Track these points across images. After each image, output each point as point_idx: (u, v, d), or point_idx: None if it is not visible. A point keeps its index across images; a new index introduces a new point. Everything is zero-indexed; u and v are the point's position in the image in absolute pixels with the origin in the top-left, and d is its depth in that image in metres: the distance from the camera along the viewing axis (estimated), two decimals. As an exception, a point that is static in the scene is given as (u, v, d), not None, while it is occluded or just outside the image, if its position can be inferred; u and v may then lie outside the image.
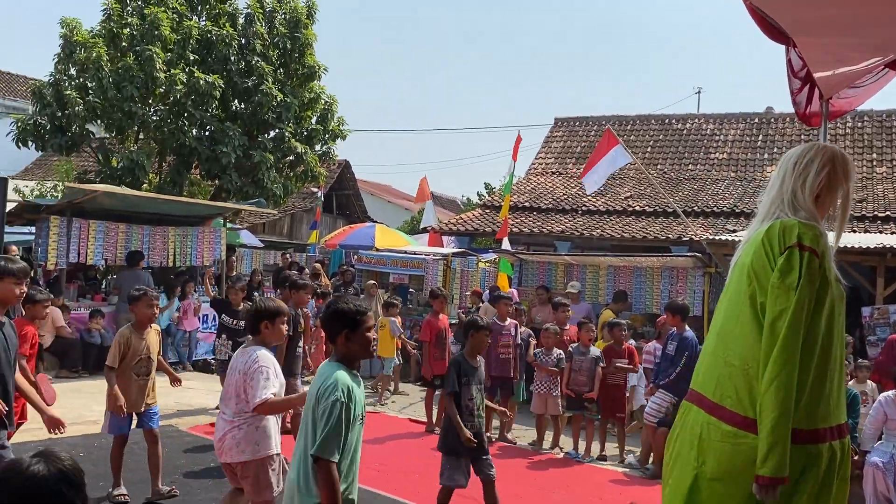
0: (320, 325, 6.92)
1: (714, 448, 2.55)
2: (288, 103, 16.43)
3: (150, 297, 5.76)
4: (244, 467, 4.23)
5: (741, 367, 2.54)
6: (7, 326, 4.39)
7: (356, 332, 3.23)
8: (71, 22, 15.62)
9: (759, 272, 2.54)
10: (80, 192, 11.06)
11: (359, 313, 3.26)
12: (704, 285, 10.83)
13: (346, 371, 3.17)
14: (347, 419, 3.04)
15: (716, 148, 20.36)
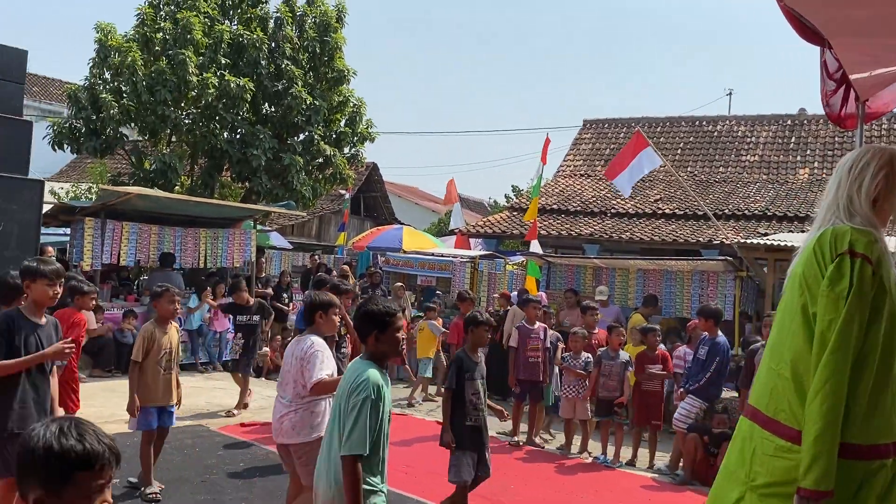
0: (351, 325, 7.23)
1: (767, 462, 2.48)
2: (317, 106, 16.55)
3: (172, 294, 5.91)
4: (299, 448, 4.60)
5: (793, 379, 2.47)
6: (49, 326, 4.39)
7: (385, 332, 3.35)
8: (106, 27, 15.90)
9: (811, 281, 2.46)
10: (113, 195, 11.24)
11: (388, 314, 3.37)
12: (735, 289, 10.71)
13: (377, 369, 3.28)
14: (376, 416, 3.16)
15: (747, 150, 20.11)
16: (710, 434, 7.33)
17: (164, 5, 16.62)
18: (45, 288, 4.26)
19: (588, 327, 8.86)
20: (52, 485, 1.60)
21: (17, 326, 4.20)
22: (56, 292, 4.34)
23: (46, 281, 4.26)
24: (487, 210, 37.89)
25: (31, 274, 4.27)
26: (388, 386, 3.33)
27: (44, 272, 4.26)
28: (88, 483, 1.62)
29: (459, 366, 5.49)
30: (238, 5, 17.25)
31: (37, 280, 4.25)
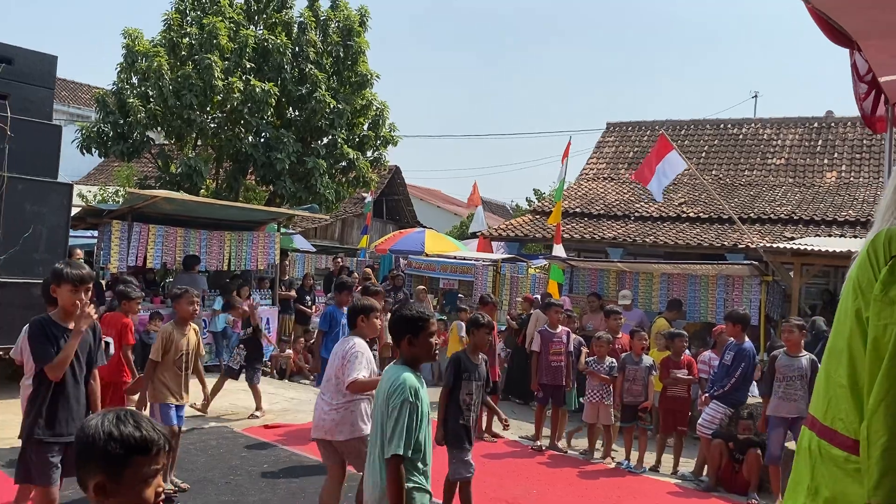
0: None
1: (827, 474, 2.44)
2: (341, 110, 16.66)
3: (190, 295, 6.04)
4: (344, 444, 4.90)
5: (850, 387, 2.42)
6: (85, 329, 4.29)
7: (419, 336, 3.47)
8: (133, 32, 16.13)
9: (864, 285, 2.41)
10: (140, 198, 11.38)
11: (422, 319, 3.50)
12: (761, 294, 10.59)
13: (412, 372, 3.41)
14: (415, 418, 3.29)
15: (773, 153, 19.91)
16: (735, 440, 7.26)
17: (190, 11, 16.83)
18: (69, 294, 4.12)
19: (611, 331, 8.82)
20: (113, 469, 1.71)
21: (49, 331, 4.11)
22: (80, 299, 4.17)
23: (70, 286, 4.13)
24: (510, 213, 37.85)
25: (57, 278, 4.16)
26: (423, 388, 3.45)
27: (68, 277, 4.13)
28: (145, 467, 1.74)
29: (457, 365, 5.64)
30: (263, 10, 17.43)
31: (61, 284, 4.15)
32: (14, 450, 6.57)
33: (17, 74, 9.14)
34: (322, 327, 8.16)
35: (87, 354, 4.33)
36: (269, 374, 12.47)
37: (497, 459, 7.86)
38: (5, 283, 8.75)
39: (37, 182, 9.11)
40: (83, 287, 4.18)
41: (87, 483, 1.73)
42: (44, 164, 9.27)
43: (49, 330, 4.12)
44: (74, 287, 4.13)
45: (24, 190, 8.97)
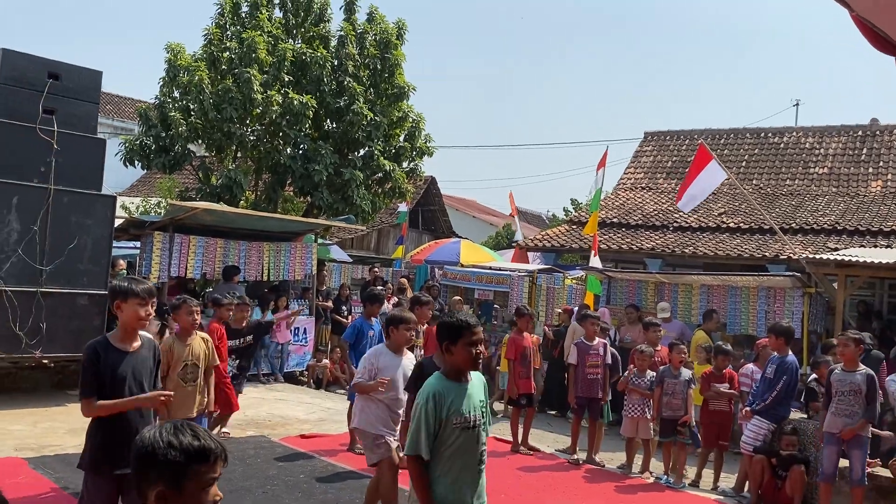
0: None
1: None
2: (377, 122, 16.78)
3: (189, 306, 5.90)
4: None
5: None
6: (144, 351, 4.00)
7: (456, 343, 3.43)
8: (175, 47, 16.48)
9: None
10: (182, 210, 11.59)
11: (461, 326, 3.45)
12: (804, 306, 10.36)
13: (443, 379, 3.45)
14: (430, 421, 3.32)
15: (816, 162, 19.51)
16: (778, 456, 7.10)
17: (230, 26, 17.14)
18: (137, 308, 3.89)
19: (651, 344, 8.70)
20: (173, 478, 1.76)
21: (103, 359, 3.81)
22: (148, 313, 3.96)
23: (138, 300, 3.89)
24: (545, 223, 37.70)
25: (123, 293, 3.89)
26: (461, 395, 3.43)
27: (135, 291, 3.90)
28: (204, 476, 1.80)
29: (420, 371, 5.53)
30: (301, 24, 17.66)
31: (128, 299, 3.87)
32: (60, 456, 6.73)
33: (63, 90, 9.40)
34: (347, 339, 8.00)
35: (149, 378, 4.04)
36: (305, 383, 12.57)
37: (534, 473, 7.80)
38: (51, 293, 8.97)
39: (82, 194, 9.34)
40: (151, 301, 3.99)
41: (148, 493, 1.76)
42: (88, 177, 9.50)
43: (105, 356, 3.83)
44: (143, 301, 3.91)
45: (69, 202, 9.20)
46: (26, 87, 9.12)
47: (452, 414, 3.38)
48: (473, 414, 3.46)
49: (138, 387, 3.90)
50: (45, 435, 7.53)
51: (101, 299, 9.19)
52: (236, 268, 12.14)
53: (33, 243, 8.88)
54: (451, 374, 3.48)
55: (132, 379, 3.87)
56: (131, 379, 3.87)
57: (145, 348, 4.01)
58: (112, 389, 3.81)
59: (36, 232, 8.89)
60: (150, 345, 4.07)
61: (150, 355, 4.04)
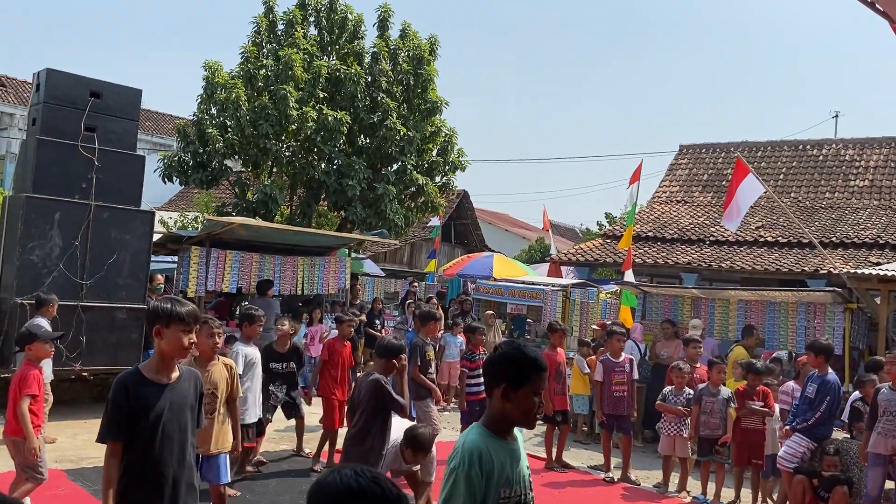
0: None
1: None
2: (411, 137, 16.87)
3: (210, 327, 5.03)
4: None
5: None
6: (183, 381, 3.38)
7: (519, 390, 2.57)
8: (213, 65, 16.79)
9: None
10: (218, 225, 11.73)
11: (533, 367, 2.60)
12: (845, 323, 10.11)
13: (487, 434, 2.59)
14: (471, 492, 2.47)
15: (856, 175, 19.13)
16: (819, 477, 6.91)
17: (266, 44, 17.42)
18: (181, 335, 3.29)
19: (690, 360, 8.56)
20: None
21: (133, 395, 3.22)
22: (192, 341, 3.37)
23: (182, 326, 3.29)
24: (579, 237, 37.47)
25: (165, 317, 3.27)
26: (510, 458, 2.60)
27: (180, 315, 3.28)
28: None
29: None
30: (335, 41, 17.87)
31: (171, 324, 3.27)
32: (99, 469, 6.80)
33: (104, 108, 9.60)
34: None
35: (190, 417, 3.39)
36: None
37: (569, 491, 7.71)
38: (91, 306, 9.14)
39: (121, 210, 9.52)
40: (195, 326, 3.40)
41: None
42: (128, 193, 9.68)
43: (135, 391, 3.24)
44: (187, 328, 3.31)
45: (109, 217, 9.38)
46: (69, 105, 9.35)
47: (501, 484, 2.55)
48: (523, 485, 2.64)
49: (176, 427, 3.28)
50: (84, 447, 7.64)
51: (140, 313, 9.33)
52: (270, 282, 12.24)
53: (74, 258, 9.06)
54: (500, 428, 2.62)
55: (169, 417, 3.26)
56: (168, 417, 3.26)
57: (185, 380, 3.39)
58: (145, 430, 3.21)
59: (77, 247, 9.07)
60: (190, 376, 3.45)
61: (191, 388, 3.40)
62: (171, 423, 3.28)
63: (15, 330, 8.54)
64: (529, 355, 2.62)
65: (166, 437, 3.25)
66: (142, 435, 3.22)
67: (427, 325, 7.82)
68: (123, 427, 3.22)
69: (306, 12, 17.72)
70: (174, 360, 3.37)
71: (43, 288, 8.69)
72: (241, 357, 6.62)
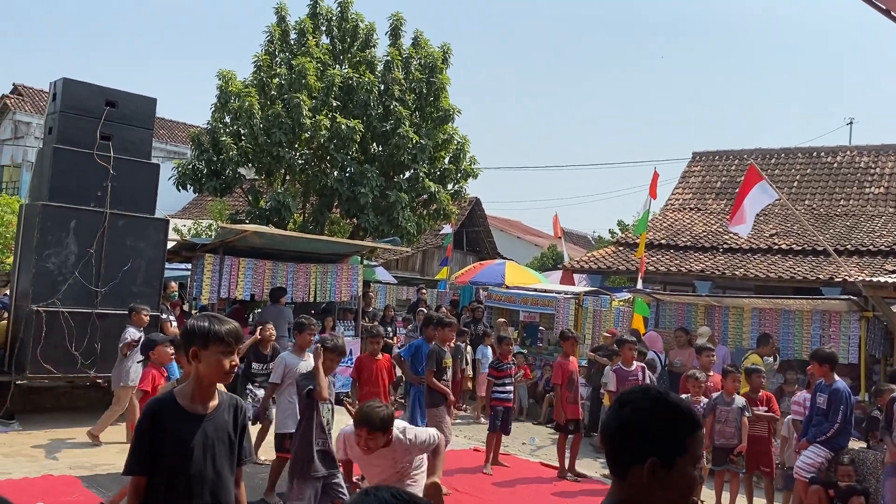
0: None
1: None
2: (423, 145, 16.91)
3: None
4: None
5: None
6: (222, 411, 2.94)
7: (675, 465, 1.75)
8: (226, 74, 16.91)
9: None
10: (232, 232, 11.80)
11: (691, 425, 1.80)
12: (861, 331, 10.04)
13: None
14: None
15: (871, 182, 18.99)
16: (836, 487, 6.84)
17: (279, 53, 17.53)
18: (220, 358, 2.85)
19: (703, 369, 8.51)
20: None
21: (160, 426, 2.82)
22: (234, 364, 2.91)
23: (222, 347, 2.86)
24: (591, 244, 37.38)
25: (202, 337, 2.85)
26: None
27: (219, 334, 2.86)
28: None
29: (310, 389, 5.48)
30: (348, 50, 17.96)
31: (209, 345, 2.84)
32: (113, 476, 6.84)
33: (119, 117, 9.69)
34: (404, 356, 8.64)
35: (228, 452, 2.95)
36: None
37: (581, 500, 7.67)
38: (106, 314, 9.21)
39: (136, 218, 9.59)
40: (237, 346, 2.96)
41: None
42: (142, 201, 9.76)
43: (167, 422, 2.84)
44: (228, 349, 2.88)
45: (124, 225, 9.46)
46: (85, 114, 9.44)
47: None
48: None
49: (210, 465, 2.85)
50: (98, 454, 7.68)
51: (154, 320, 9.39)
52: (283, 289, 12.28)
53: (89, 265, 9.13)
54: None
55: (203, 453, 2.85)
56: (201, 453, 2.85)
57: (224, 409, 2.94)
58: (171, 468, 2.81)
59: (92, 255, 9.15)
60: (230, 404, 2.99)
61: (230, 419, 2.95)
62: (203, 462, 2.83)
63: (31, 337, 8.63)
64: (682, 408, 1.82)
65: (195, 477, 2.82)
66: (168, 472, 2.81)
67: (443, 331, 7.90)
68: (146, 461, 2.80)
69: (318, 21, 17.83)
70: (213, 385, 2.91)
71: (59, 295, 8.76)
72: (281, 367, 6.67)
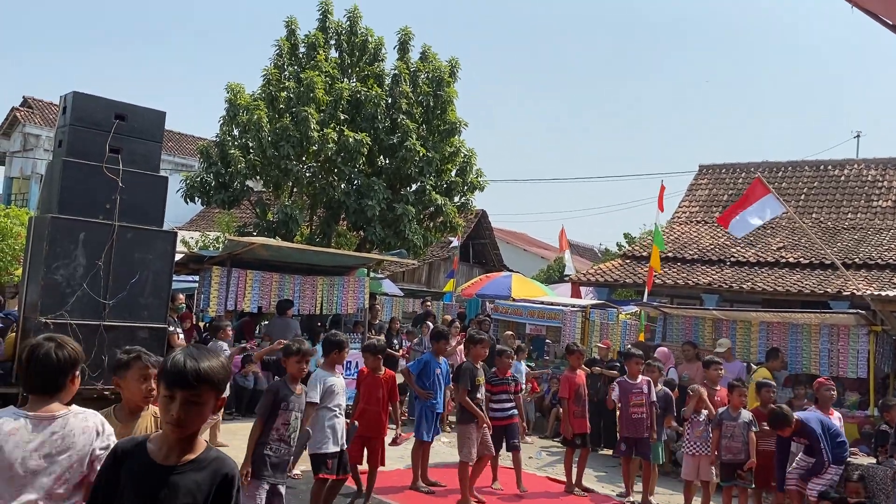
0: None
1: None
2: (430, 158, 16.97)
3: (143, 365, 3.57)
4: None
5: None
6: (198, 472, 2.37)
7: None
8: (235, 87, 17.03)
9: None
10: (239, 245, 11.83)
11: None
12: (870, 345, 9.97)
13: None
14: None
15: (879, 195, 18.95)
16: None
17: (288, 66, 17.64)
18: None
19: (711, 382, 8.47)
20: None
21: (116, 470, 2.39)
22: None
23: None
24: (598, 257, 37.33)
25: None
26: None
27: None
28: None
29: (275, 394, 5.32)
30: (356, 63, 18.07)
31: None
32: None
33: (128, 130, 9.72)
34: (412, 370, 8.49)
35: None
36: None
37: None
38: (114, 326, 9.22)
39: (144, 230, 9.61)
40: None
41: None
42: (151, 214, 9.78)
43: (121, 466, 2.41)
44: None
45: (132, 238, 9.48)
46: (94, 127, 9.47)
47: None
48: None
49: None
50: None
51: (161, 332, 9.41)
52: (290, 301, 12.30)
53: (97, 278, 9.15)
54: None
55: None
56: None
57: (206, 470, 2.36)
58: None
59: (100, 267, 9.17)
60: (214, 467, 2.37)
61: (205, 483, 2.34)
62: None
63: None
64: None
65: None
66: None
67: (475, 348, 7.84)
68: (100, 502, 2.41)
69: (328, 35, 17.95)
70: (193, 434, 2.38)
71: (67, 307, 8.80)
72: (319, 385, 6.16)
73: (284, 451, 5.26)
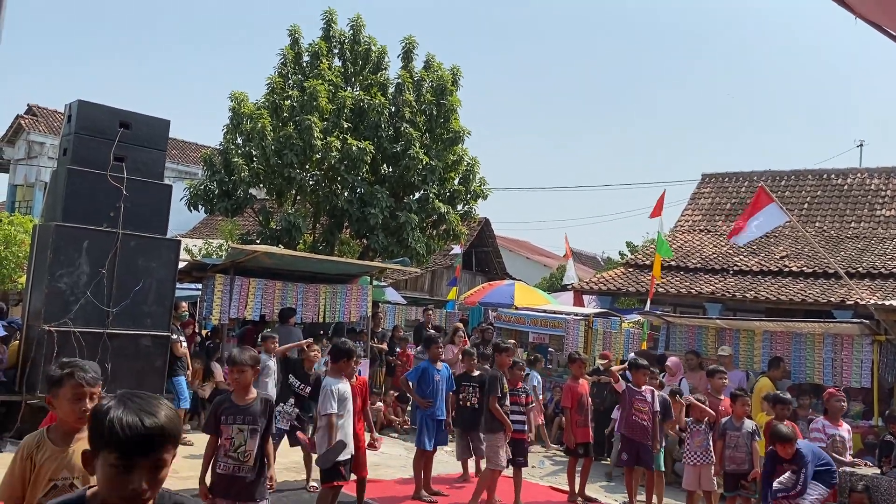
0: None
1: None
2: (433, 166, 16.99)
3: (77, 384, 3.16)
4: None
5: None
6: None
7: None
8: (239, 95, 17.08)
9: None
10: (242, 253, 11.85)
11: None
12: (874, 354, 9.95)
13: None
14: None
15: (882, 204, 18.93)
16: (851, 515, 6.76)
17: (291, 75, 17.70)
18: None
19: (715, 391, 8.45)
20: None
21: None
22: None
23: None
24: (600, 265, 37.31)
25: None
26: None
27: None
28: None
29: (217, 407, 5.01)
30: (360, 72, 18.13)
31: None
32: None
33: (133, 138, 9.78)
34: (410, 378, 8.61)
35: None
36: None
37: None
38: (117, 334, 9.24)
39: (148, 238, 9.65)
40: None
41: None
42: (155, 222, 9.82)
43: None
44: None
45: (136, 245, 9.51)
46: (99, 136, 9.53)
47: None
48: None
49: None
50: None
51: (164, 340, 9.43)
52: (293, 310, 12.30)
53: (101, 286, 9.17)
54: None
55: None
56: None
57: None
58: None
59: (104, 275, 9.19)
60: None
61: None
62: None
63: (42, 357, 8.66)
64: None
65: None
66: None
67: (500, 356, 7.94)
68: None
69: (331, 44, 18.01)
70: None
71: (70, 315, 8.81)
72: (333, 394, 6.11)
73: (235, 468, 4.82)
